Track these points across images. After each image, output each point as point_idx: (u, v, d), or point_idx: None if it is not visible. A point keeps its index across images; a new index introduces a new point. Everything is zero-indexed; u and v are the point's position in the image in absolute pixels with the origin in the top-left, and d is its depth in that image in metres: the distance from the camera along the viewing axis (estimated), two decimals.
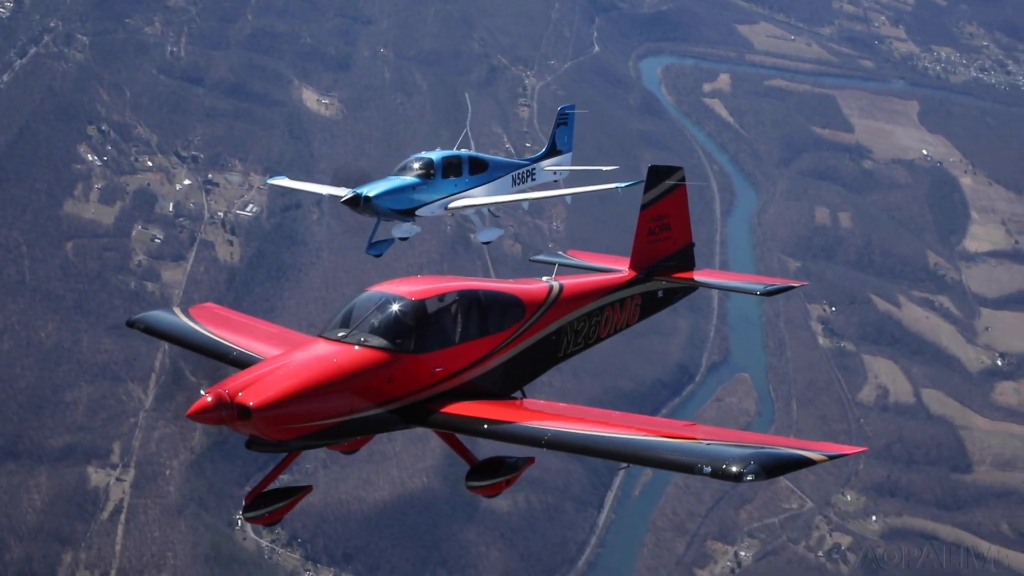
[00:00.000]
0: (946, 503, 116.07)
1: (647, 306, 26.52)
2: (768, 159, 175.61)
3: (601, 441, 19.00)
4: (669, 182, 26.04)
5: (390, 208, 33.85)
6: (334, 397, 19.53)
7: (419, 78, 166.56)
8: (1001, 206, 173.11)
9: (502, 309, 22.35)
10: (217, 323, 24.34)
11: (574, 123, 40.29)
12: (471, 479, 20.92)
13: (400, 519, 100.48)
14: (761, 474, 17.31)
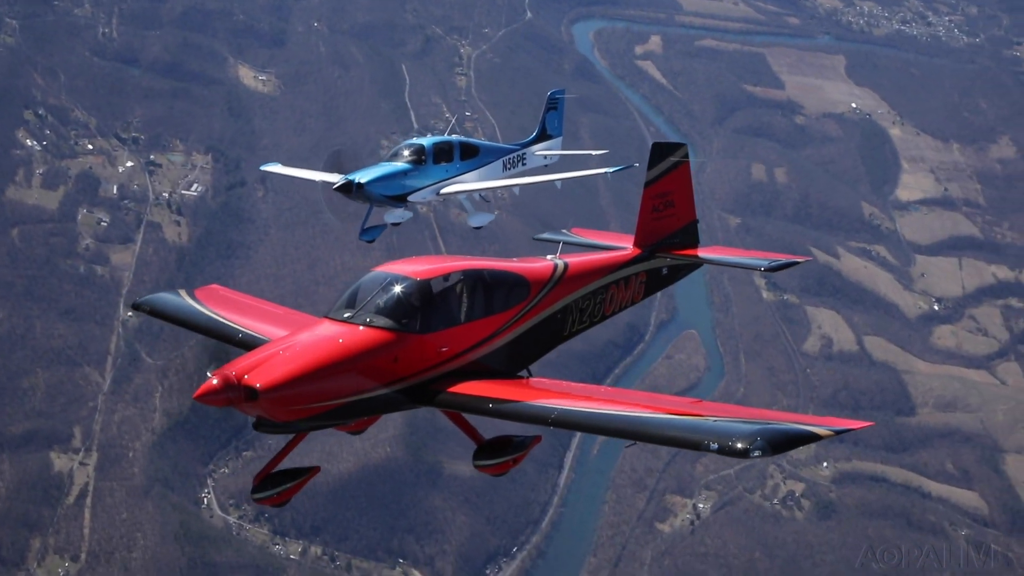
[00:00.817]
0: (893, 446, 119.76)
1: (652, 283, 26.64)
2: (703, 119, 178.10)
3: (607, 419, 19.03)
4: (672, 159, 26.19)
5: (382, 194, 34.10)
6: (340, 378, 19.54)
7: (355, 51, 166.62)
8: (929, 155, 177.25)
9: (507, 288, 22.32)
10: (222, 305, 24.42)
11: (564, 108, 40.61)
12: (478, 458, 21.00)
13: (366, 489, 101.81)
14: (768, 450, 17.27)
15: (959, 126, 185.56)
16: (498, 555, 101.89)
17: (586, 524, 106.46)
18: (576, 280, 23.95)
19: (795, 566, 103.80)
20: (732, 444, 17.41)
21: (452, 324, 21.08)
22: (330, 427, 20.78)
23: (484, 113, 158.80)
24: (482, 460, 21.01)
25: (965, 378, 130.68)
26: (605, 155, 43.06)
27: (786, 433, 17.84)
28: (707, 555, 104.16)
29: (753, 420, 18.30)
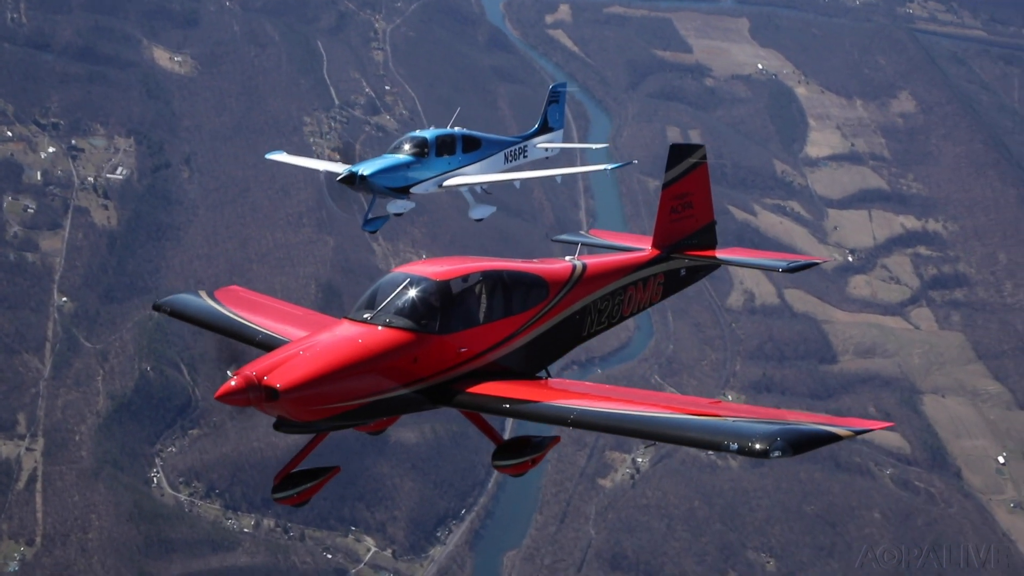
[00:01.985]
0: (818, 393, 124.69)
1: (670, 284, 26.61)
2: (616, 84, 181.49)
3: (627, 419, 19.09)
4: (691, 160, 26.15)
5: (385, 186, 34.34)
6: (360, 378, 19.63)
7: (270, 29, 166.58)
8: (835, 112, 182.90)
9: (526, 289, 22.32)
10: (242, 305, 24.49)
11: (565, 101, 41.35)
12: (497, 458, 21.00)
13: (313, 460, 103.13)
14: (788, 451, 17.30)
15: (861, 83, 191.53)
16: (447, 517, 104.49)
17: (531, 483, 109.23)
18: (594, 281, 23.95)
19: (733, 512, 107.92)
20: (752, 444, 17.41)
21: (471, 325, 21.14)
22: (350, 427, 20.78)
23: (404, 87, 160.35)
24: (501, 460, 20.94)
25: (881, 325, 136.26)
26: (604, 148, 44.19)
27: (807, 433, 17.89)
28: (649, 507, 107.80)
29: (773, 420, 18.34)
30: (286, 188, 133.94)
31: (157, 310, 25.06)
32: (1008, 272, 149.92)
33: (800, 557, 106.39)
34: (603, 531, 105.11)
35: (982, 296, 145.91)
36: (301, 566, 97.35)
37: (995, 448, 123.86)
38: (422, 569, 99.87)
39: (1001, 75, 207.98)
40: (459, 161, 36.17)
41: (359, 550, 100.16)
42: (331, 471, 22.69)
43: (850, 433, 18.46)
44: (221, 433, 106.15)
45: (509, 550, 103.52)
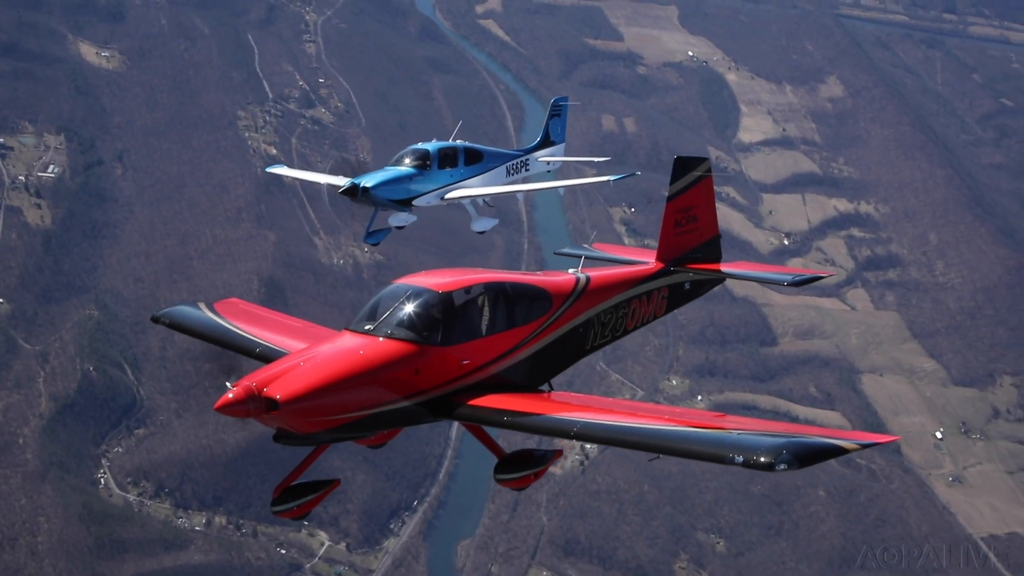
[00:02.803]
0: (760, 375, 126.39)
1: (674, 298, 26.26)
2: (549, 73, 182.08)
3: (631, 432, 18.87)
4: (695, 173, 25.83)
5: (387, 198, 34.30)
6: (361, 390, 19.40)
7: (199, 22, 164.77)
8: (765, 98, 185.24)
9: (529, 301, 22.09)
10: (241, 317, 24.20)
11: (567, 115, 41.06)
12: (499, 472, 20.82)
13: (264, 456, 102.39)
14: (794, 463, 17.09)
15: (789, 68, 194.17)
16: (400, 509, 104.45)
17: (481, 473, 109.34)
18: (598, 294, 23.70)
19: (682, 494, 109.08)
20: (757, 458, 17.25)
21: (473, 337, 20.91)
22: (350, 439, 20.59)
23: (337, 79, 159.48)
24: (503, 474, 20.83)
25: (819, 307, 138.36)
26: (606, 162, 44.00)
27: (812, 446, 17.67)
28: (599, 492, 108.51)
29: (779, 433, 18.10)
30: (223, 184, 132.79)
31: (156, 322, 24.83)
32: (939, 252, 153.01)
33: (749, 537, 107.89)
34: (555, 518, 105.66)
35: (915, 276, 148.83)
36: (256, 562, 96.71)
37: (932, 424, 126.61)
38: (377, 561, 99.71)
39: (924, 59, 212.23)
40: (461, 174, 35.99)
41: (312, 544, 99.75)
42: (331, 484, 22.29)
43: (856, 446, 18.20)
44: (168, 432, 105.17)
45: (463, 539, 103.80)
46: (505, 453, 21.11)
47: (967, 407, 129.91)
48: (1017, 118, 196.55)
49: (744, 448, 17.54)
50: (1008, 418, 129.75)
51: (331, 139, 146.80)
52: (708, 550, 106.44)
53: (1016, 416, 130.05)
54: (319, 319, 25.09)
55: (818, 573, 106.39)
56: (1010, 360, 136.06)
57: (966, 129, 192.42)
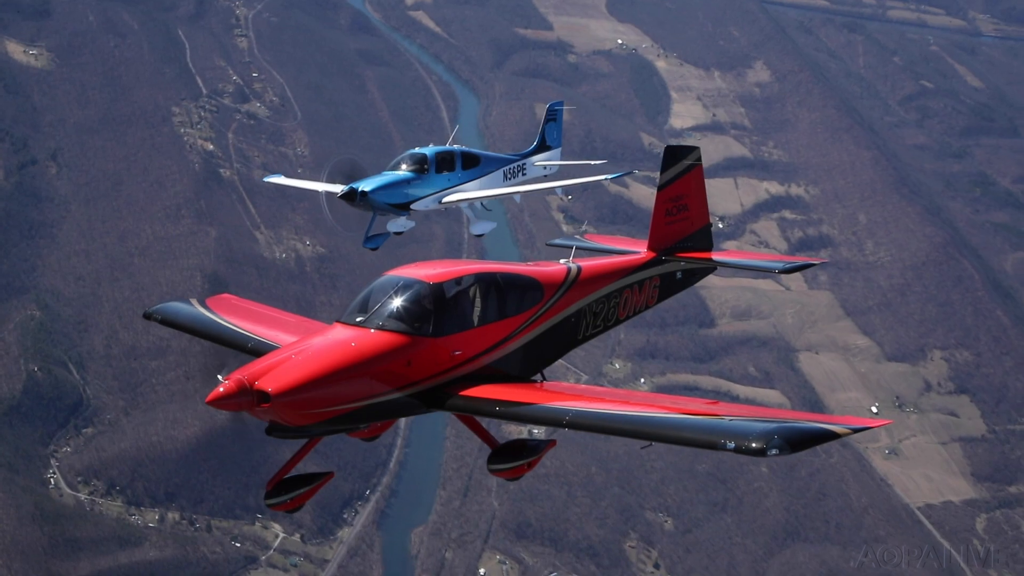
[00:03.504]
0: (700, 356, 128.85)
1: (665, 287, 26.38)
2: (481, 64, 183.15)
3: (623, 419, 18.88)
4: (686, 162, 25.88)
5: (385, 202, 34.46)
6: (353, 382, 19.41)
7: (127, 18, 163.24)
8: (694, 84, 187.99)
9: (520, 291, 22.15)
10: (234, 313, 24.21)
11: (562, 119, 41.52)
12: (492, 462, 20.91)
13: (216, 451, 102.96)
14: (786, 448, 17.16)
15: (717, 55, 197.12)
16: (353, 499, 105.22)
17: (431, 460, 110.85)
18: (590, 284, 23.73)
19: (629, 475, 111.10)
20: (748, 443, 17.31)
21: (465, 328, 20.92)
22: (343, 431, 20.62)
23: (271, 73, 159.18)
24: (496, 464, 20.89)
25: (755, 288, 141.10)
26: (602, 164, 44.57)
27: (804, 431, 17.70)
28: (548, 476, 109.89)
29: (770, 419, 18.19)
30: (161, 180, 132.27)
31: (148, 318, 24.89)
32: (868, 232, 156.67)
33: (695, 514, 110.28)
34: (506, 502, 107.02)
35: (846, 256, 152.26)
36: (211, 556, 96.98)
37: (868, 399, 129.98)
38: (332, 551, 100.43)
39: (846, 43, 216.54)
40: (459, 178, 36.26)
41: (267, 537, 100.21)
42: (324, 476, 22.40)
43: (847, 431, 18.16)
44: (117, 430, 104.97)
45: (416, 527, 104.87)
46: (498, 443, 21.08)
47: (900, 381, 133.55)
48: (937, 99, 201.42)
49: (736, 434, 17.57)
50: (939, 391, 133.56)
51: (268, 133, 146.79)
52: (657, 528, 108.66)
53: (947, 389, 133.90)
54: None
55: (763, 547, 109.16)
56: (939, 335, 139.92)
57: (889, 111, 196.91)
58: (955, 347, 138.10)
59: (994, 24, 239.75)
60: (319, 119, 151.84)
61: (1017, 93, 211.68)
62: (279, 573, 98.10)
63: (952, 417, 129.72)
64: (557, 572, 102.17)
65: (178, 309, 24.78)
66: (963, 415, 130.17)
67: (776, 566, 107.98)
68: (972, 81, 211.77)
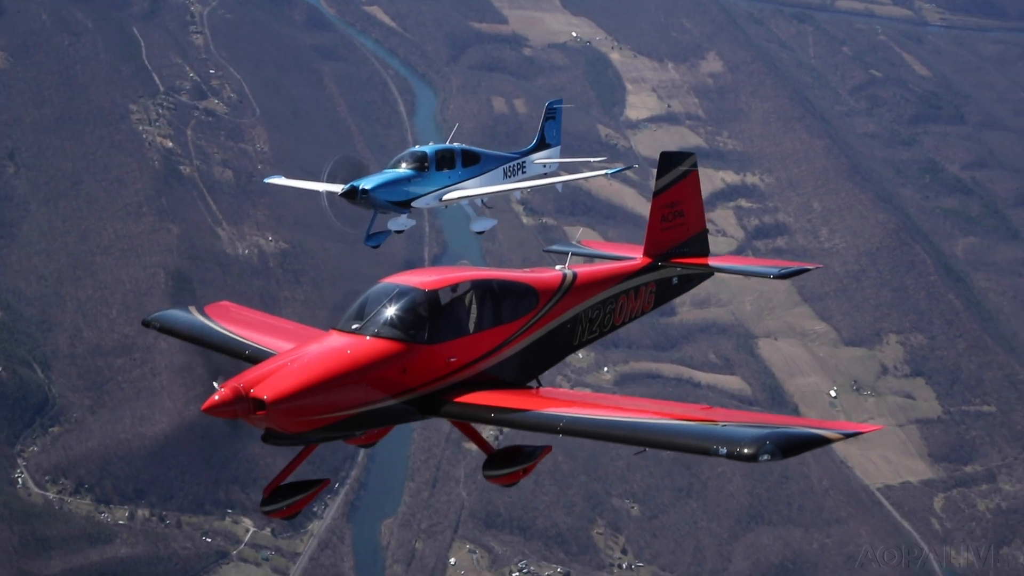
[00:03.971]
0: (662, 344, 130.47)
1: (662, 293, 26.49)
2: (437, 58, 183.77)
3: (617, 426, 19.00)
4: (681, 168, 25.99)
5: (386, 200, 34.67)
6: (349, 389, 19.48)
7: (81, 16, 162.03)
8: (649, 75, 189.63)
9: (516, 298, 22.22)
10: (231, 320, 24.28)
11: (561, 118, 41.90)
12: (488, 468, 20.95)
13: (184, 447, 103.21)
14: (777, 454, 17.32)
15: (670, 46, 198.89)
16: (323, 492, 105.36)
17: (399, 452, 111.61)
18: (585, 290, 23.78)
19: (595, 463, 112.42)
20: (740, 449, 17.49)
21: (461, 335, 21.02)
22: (338, 439, 20.77)
23: (228, 70, 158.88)
24: (492, 471, 20.92)
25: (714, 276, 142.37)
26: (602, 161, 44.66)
27: (795, 437, 17.87)
28: None
29: (762, 424, 18.37)
30: (121, 178, 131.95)
31: (146, 326, 25.07)
32: (823, 219, 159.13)
33: (661, 500, 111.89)
34: (474, 492, 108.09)
35: (802, 243, 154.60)
36: (182, 552, 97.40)
37: (826, 383, 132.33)
38: (303, 544, 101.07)
39: (796, 33, 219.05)
40: (459, 175, 36.67)
41: (238, 531, 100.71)
42: (320, 483, 22.42)
43: (839, 436, 18.32)
44: (84, 428, 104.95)
45: (386, 518, 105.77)
46: (494, 449, 21.19)
47: (857, 365, 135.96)
48: (886, 88, 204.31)
49: (728, 440, 17.75)
50: (896, 374, 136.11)
51: (227, 130, 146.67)
52: (624, 515, 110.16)
53: (903, 372, 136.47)
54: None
55: (728, 530, 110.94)
56: (894, 319, 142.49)
57: (839, 100, 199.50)
58: (910, 331, 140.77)
59: (939, 13, 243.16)
60: (278, 115, 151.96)
61: (963, 81, 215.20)
62: (251, 567, 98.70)
63: (908, 399, 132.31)
64: (526, 560, 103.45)
65: (176, 317, 24.93)
66: (919, 397, 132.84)
67: (741, 549, 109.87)
68: (919, 70, 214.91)
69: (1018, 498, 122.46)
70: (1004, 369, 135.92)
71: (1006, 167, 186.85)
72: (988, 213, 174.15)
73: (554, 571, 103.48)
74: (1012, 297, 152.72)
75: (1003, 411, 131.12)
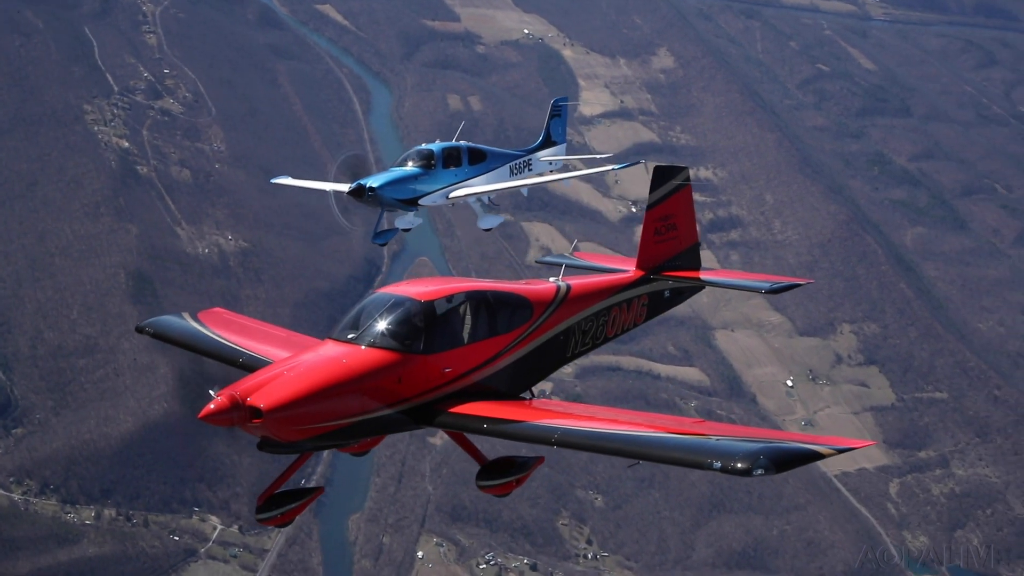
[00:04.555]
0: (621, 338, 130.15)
1: (654, 306, 26.82)
2: (391, 56, 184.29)
3: (611, 438, 19.18)
4: (674, 182, 26.53)
5: (393, 198, 34.79)
6: (344, 398, 19.61)
7: (31, 17, 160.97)
8: (601, 71, 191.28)
9: (511, 310, 22.38)
10: (225, 327, 24.36)
11: (567, 115, 42.08)
12: (481, 479, 21.22)
13: (150, 447, 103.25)
14: (771, 468, 17.49)
15: (622, 43, 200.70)
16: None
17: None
18: (578, 302, 24.01)
19: (558, 455, 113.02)
20: (735, 463, 17.63)
21: (455, 345, 21.15)
22: (333, 447, 21.00)
23: (182, 69, 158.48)
24: (485, 481, 21.21)
25: None
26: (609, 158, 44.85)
27: (789, 452, 18.05)
28: None
29: (756, 439, 18.52)
30: (77, 179, 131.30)
31: (140, 332, 25.00)
32: (775, 211, 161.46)
33: (624, 490, 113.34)
34: (440, 486, 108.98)
35: (755, 235, 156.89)
36: (150, 551, 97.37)
37: (783, 373, 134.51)
38: (270, 540, 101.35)
39: (744, 29, 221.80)
40: (465, 173, 36.81)
41: (205, 529, 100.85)
42: (315, 492, 22.58)
43: (831, 451, 18.46)
44: (47, 429, 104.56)
45: (353, 514, 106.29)
46: (487, 460, 21.41)
47: (812, 355, 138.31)
48: (833, 82, 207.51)
49: (722, 454, 17.92)
50: (849, 363, 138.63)
51: (183, 129, 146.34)
52: (588, 506, 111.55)
53: (856, 361, 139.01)
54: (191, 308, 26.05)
55: (691, 519, 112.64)
56: (847, 309, 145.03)
57: (788, 95, 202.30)
58: (863, 320, 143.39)
59: (883, 8, 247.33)
60: (234, 114, 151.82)
61: (907, 74, 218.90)
62: (219, 565, 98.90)
63: (863, 387, 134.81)
64: (493, 552, 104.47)
65: (169, 323, 24.91)
66: (873, 385, 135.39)
67: (703, 536, 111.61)
68: (865, 63, 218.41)
69: (970, 482, 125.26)
70: (955, 356, 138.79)
71: (951, 158, 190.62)
72: (935, 204, 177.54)
73: (520, 562, 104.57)
74: (961, 286, 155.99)
75: (955, 397, 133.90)
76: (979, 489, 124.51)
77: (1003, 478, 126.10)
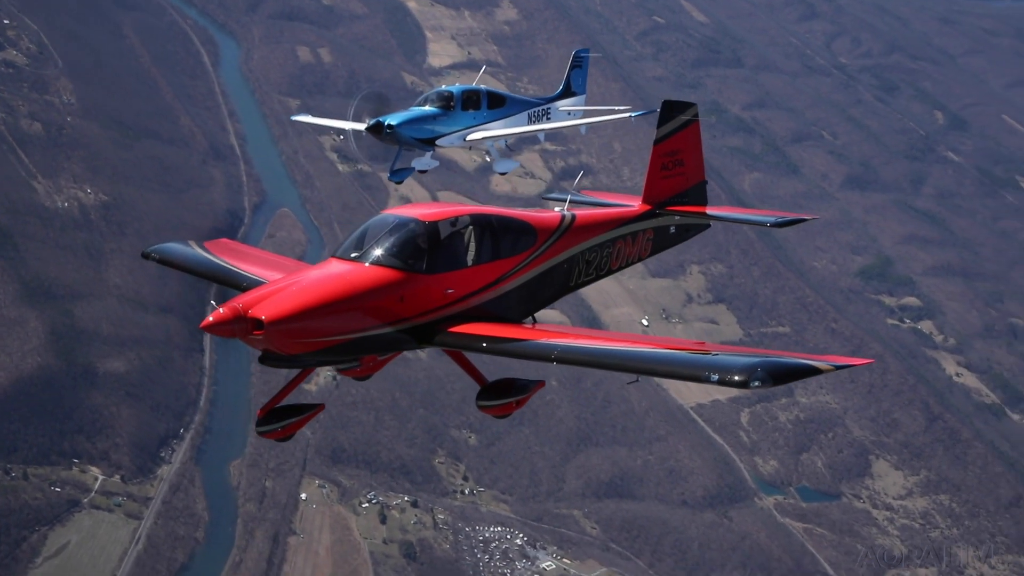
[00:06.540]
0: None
1: (659, 240, 26.63)
2: (235, 7, 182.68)
3: (611, 354, 19.25)
4: (683, 117, 26.07)
5: (411, 136, 35.04)
6: (346, 314, 19.58)
7: None
8: (447, 23, 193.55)
9: (515, 235, 22.29)
10: (231, 255, 24.32)
11: (588, 66, 42.07)
12: (481, 399, 21.22)
13: (25, 400, 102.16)
14: (768, 380, 17.53)
15: None
16: (168, 438, 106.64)
17: (240, 396, 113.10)
18: (583, 232, 23.95)
19: (431, 397, 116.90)
20: (731, 376, 17.72)
21: (458, 267, 21.09)
22: (335, 363, 20.82)
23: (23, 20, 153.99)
24: (485, 401, 21.24)
25: None
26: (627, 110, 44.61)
27: (786, 365, 18.07)
28: (355, 403, 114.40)
29: (754, 354, 18.60)
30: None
31: (145, 257, 24.89)
32: (623, 159, 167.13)
33: (496, 428, 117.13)
34: (318, 431, 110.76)
35: (606, 182, 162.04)
36: (33, 503, 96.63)
37: (638, 313, 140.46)
38: (153, 488, 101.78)
39: None
40: (484, 117, 36.93)
41: (86, 480, 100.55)
42: (315, 408, 22.46)
43: (830, 367, 18.56)
44: None
45: (234, 460, 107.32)
46: (487, 381, 21.47)
47: (664, 295, 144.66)
48: (669, 34, 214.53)
49: (720, 367, 18.03)
50: (699, 301, 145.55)
51: (29, 82, 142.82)
52: (462, 444, 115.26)
53: (705, 299, 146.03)
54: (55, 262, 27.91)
55: (560, 453, 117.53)
56: (695, 251, 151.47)
57: (628, 46, 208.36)
58: (710, 261, 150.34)
59: None
60: (81, 66, 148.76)
61: (738, 27, 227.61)
62: (103, 514, 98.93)
63: (712, 324, 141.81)
64: (375, 491, 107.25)
65: (175, 249, 24.83)
66: (722, 322, 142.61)
67: (573, 469, 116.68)
68: (698, 16, 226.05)
69: (813, 409, 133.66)
70: (796, 292, 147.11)
71: (781, 107, 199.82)
72: (769, 150, 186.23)
73: (402, 500, 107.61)
74: (797, 227, 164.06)
75: (796, 331, 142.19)
76: (821, 415, 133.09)
77: (842, 404, 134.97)
